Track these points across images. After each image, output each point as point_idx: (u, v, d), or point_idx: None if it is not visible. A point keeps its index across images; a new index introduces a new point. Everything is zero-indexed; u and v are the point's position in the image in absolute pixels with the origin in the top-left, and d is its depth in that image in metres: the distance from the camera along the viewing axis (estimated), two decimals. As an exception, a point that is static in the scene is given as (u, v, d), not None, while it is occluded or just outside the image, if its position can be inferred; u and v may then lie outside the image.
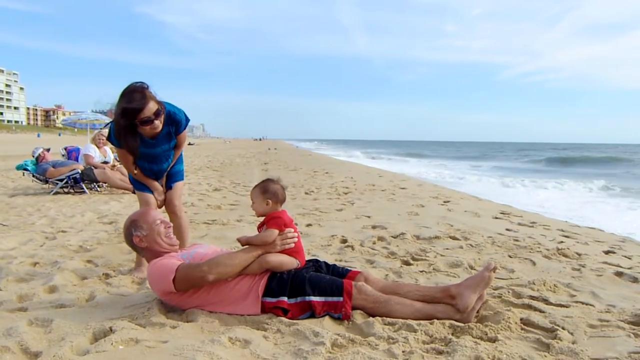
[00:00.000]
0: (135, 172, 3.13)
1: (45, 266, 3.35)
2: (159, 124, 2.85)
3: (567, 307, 2.52)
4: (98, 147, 8.36)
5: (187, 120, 3.10)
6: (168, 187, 3.30)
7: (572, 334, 2.15)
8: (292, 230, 2.50)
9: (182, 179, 3.40)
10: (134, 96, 2.73)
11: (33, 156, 8.10)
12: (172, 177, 3.32)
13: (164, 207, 3.30)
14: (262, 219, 2.55)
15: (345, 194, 8.01)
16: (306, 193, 7.99)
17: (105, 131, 8.89)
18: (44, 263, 3.42)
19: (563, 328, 2.18)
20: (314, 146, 60.35)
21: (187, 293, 2.36)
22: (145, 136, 2.92)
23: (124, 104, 2.73)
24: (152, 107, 2.76)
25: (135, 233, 2.54)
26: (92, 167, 7.80)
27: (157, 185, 3.22)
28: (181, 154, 3.35)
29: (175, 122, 3.04)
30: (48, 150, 8.43)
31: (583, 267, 3.36)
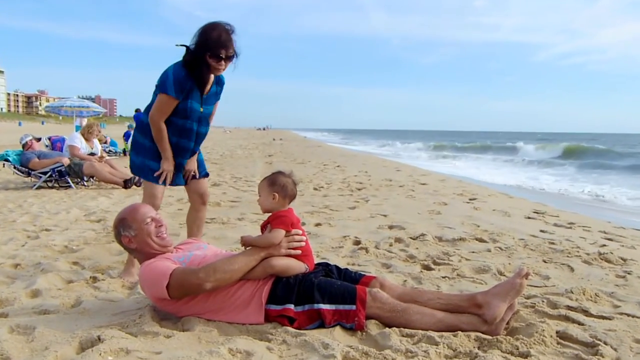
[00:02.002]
0: (163, 125, 3.04)
1: (28, 268, 3.41)
2: (224, 67, 3.00)
3: (610, 319, 2.49)
4: (87, 139, 8.45)
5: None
6: (204, 174, 3.44)
7: (615, 349, 2.12)
8: (300, 232, 2.50)
9: None
10: (222, 33, 2.90)
11: (20, 142, 8.26)
12: (202, 165, 3.47)
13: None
14: (267, 216, 2.55)
15: (359, 189, 8.01)
16: (315, 189, 8.01)
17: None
18: (26, 264, 3.47)
19: (605, 343, 2.16)
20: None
21: (182, 300, 2.38)
22: (204, 80, 3.05)
23: (211, 34, 2.88)
24: (231, 49, 2.95)
25: (123, 233, 2.55)
26: (81, 162, 7.90)
27: (171, 163, 3.14)
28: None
29: (222, 84, 3.27)
30: (39, 140, 8.59)
31: (629, 274, 3.31)
